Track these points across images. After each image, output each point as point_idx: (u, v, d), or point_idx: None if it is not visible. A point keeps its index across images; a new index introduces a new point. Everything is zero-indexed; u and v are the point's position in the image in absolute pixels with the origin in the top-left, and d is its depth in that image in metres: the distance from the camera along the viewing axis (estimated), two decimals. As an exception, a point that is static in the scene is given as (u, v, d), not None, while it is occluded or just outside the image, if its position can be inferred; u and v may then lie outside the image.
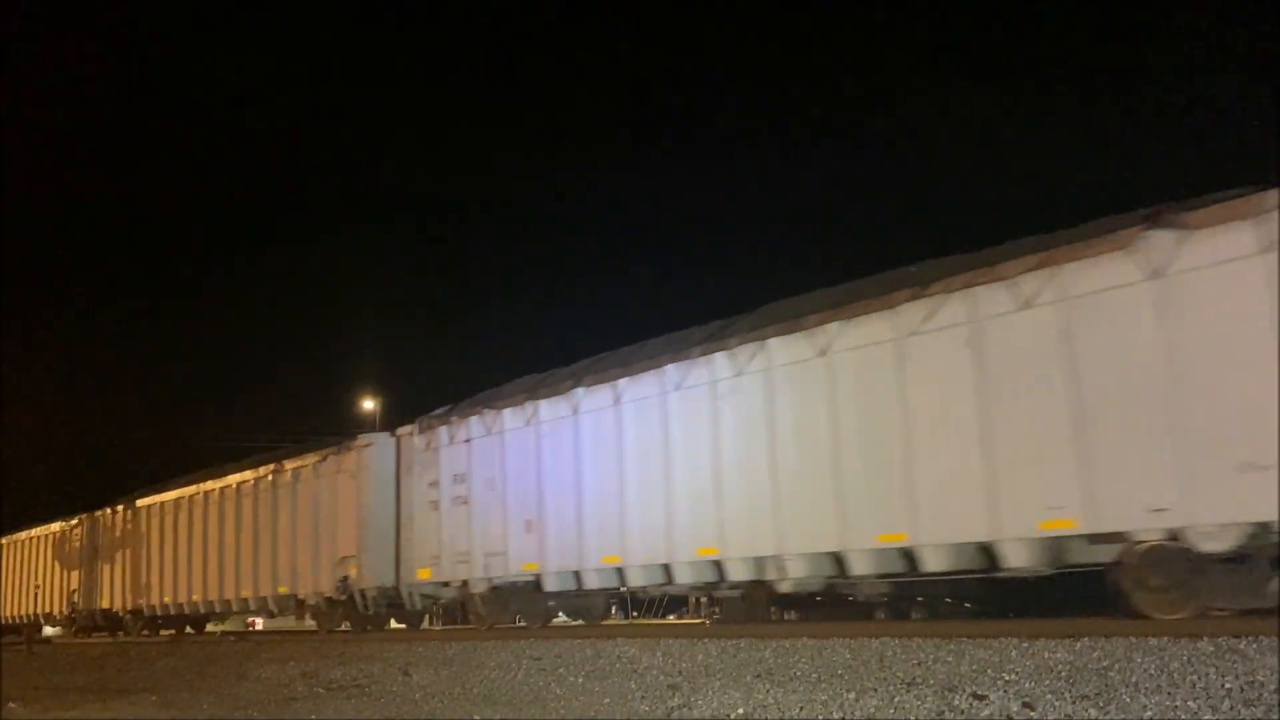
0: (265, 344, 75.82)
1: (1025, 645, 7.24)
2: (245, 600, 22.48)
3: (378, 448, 19.13)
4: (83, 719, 10.12)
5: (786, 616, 16.09)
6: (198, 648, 17.63)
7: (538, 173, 76.84)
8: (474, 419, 16.65)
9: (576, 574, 14.80)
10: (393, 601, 18.83)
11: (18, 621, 31.86)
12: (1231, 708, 5.43)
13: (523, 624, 16.84)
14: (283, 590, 21.25)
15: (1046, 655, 6.92)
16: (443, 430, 17.27)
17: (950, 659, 7.28)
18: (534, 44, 74.55)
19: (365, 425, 34.11)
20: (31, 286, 73.58)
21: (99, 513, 28.33)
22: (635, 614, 27.20)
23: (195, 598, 24.02)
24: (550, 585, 15.14)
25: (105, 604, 27.73)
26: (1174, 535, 9.28)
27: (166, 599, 25.16)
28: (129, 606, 26.55)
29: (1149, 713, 5.56)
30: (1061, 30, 56.87)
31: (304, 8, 73.76)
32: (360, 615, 19.21)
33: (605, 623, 18.17)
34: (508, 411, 16.00)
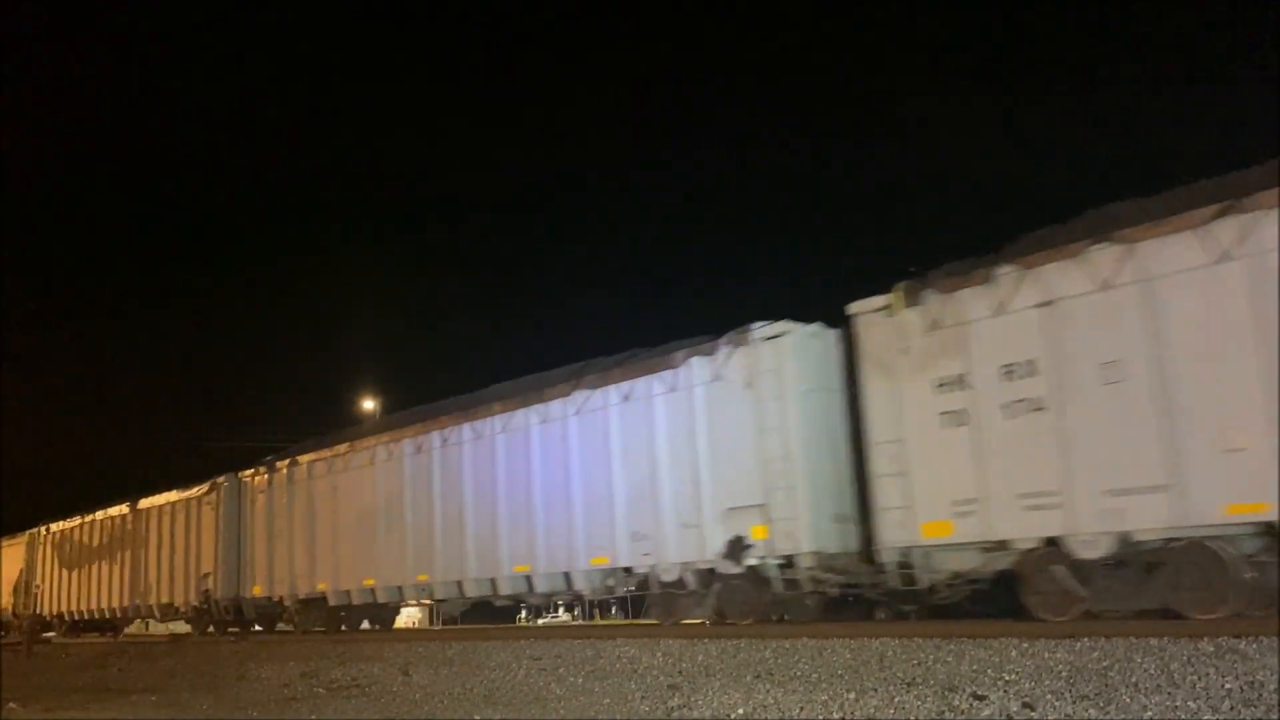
0: (267, 344, 75.77)
1: (1025, 645, 7.24)
2: (552, 579, 15.13)
3: (799, 340, 12.33)
4: (83, 719, 10.12)
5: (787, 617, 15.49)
6: (198, 648, 17.62)
7: (538, 172, 76.92)
8: (1054, 268, 10.08)
9: None
10: (848, 576, 12.11)
11: (115, 617, 26.92)
12: (1231, 708, 5.43)
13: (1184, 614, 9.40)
14: (599, 562, 14.22)
15: (1046, 655, 6.92)
16: (968, 295, 10.67)
17: (950, 659, 7.28)
18: (534, 44, 74.61)
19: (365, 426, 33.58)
20: (35, 290, 73.60)
21: (246, 473, 22.08)
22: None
23: (422, 578, 17.04)
24: None
25: (259, 591, 21.00)
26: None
27: (369, 580, 18.07)
28: (301, 593, 19.85)
29: (1149, 713, 5.57)
30: (1065, 27, 56.88)
31: (304, 9, 73.80)
32: (767, 598, 12.41)
33: (602, 622, 17.11)
34: (1150, 244, 9.44)
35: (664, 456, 13.40)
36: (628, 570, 13.89)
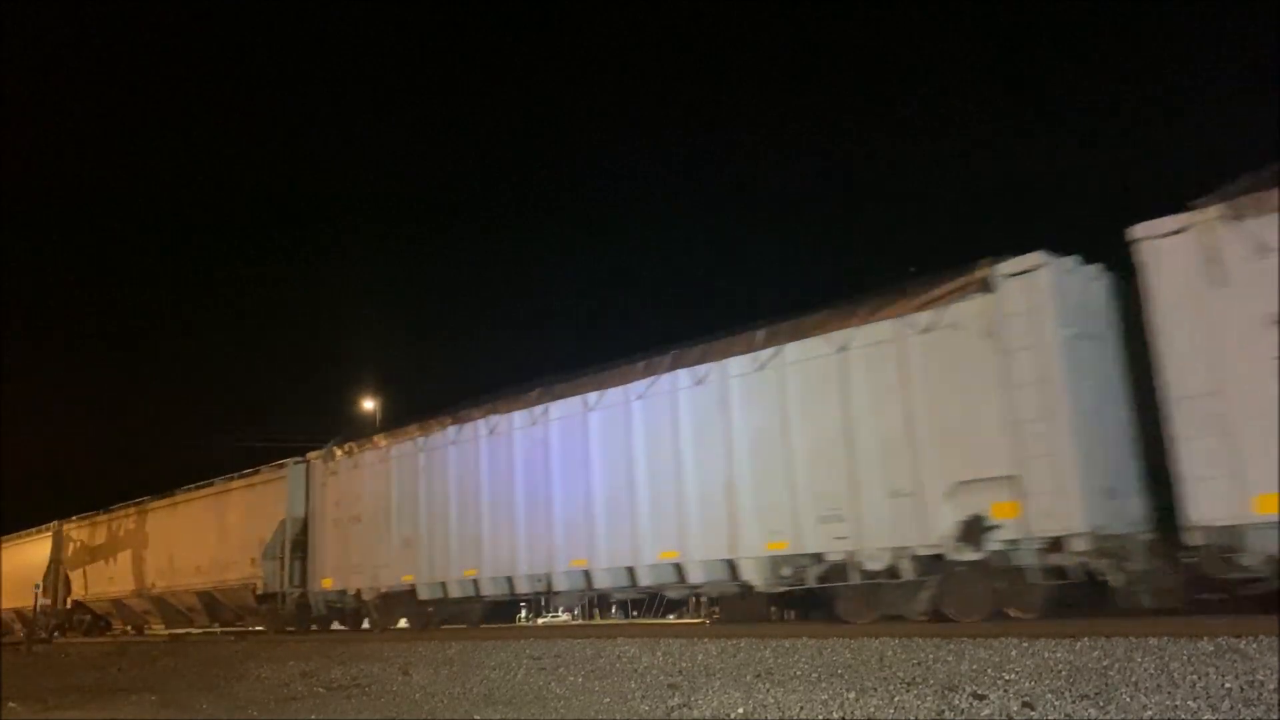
0: (267, 346, 75.83)
1: (1025, 645, 7.25)
2: None
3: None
4: (83, 719, 10.12)
5: (786, 616, 15.48)
6: (198, 648, 17.61)
7: (540, 172, 76.97)
8: None
9: None
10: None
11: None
12: (1231, 708, 5.43)
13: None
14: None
15: (1046, 655, 6.92)
16: None
17: (950, 659, 7.28)
18: (534, 45, 74.64)
19: (366, 426, 33.57)
20: (38, 293, 73.70)
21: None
22: (635, 613, 26.01)
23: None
24: None
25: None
26: None
27: None
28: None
29: (1149, 713, 5.57)
30: (1066, 34, 56.91)
31: (306, 10, 73.84)
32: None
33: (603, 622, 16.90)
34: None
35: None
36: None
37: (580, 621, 18.12)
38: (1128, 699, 5.78)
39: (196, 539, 22.88)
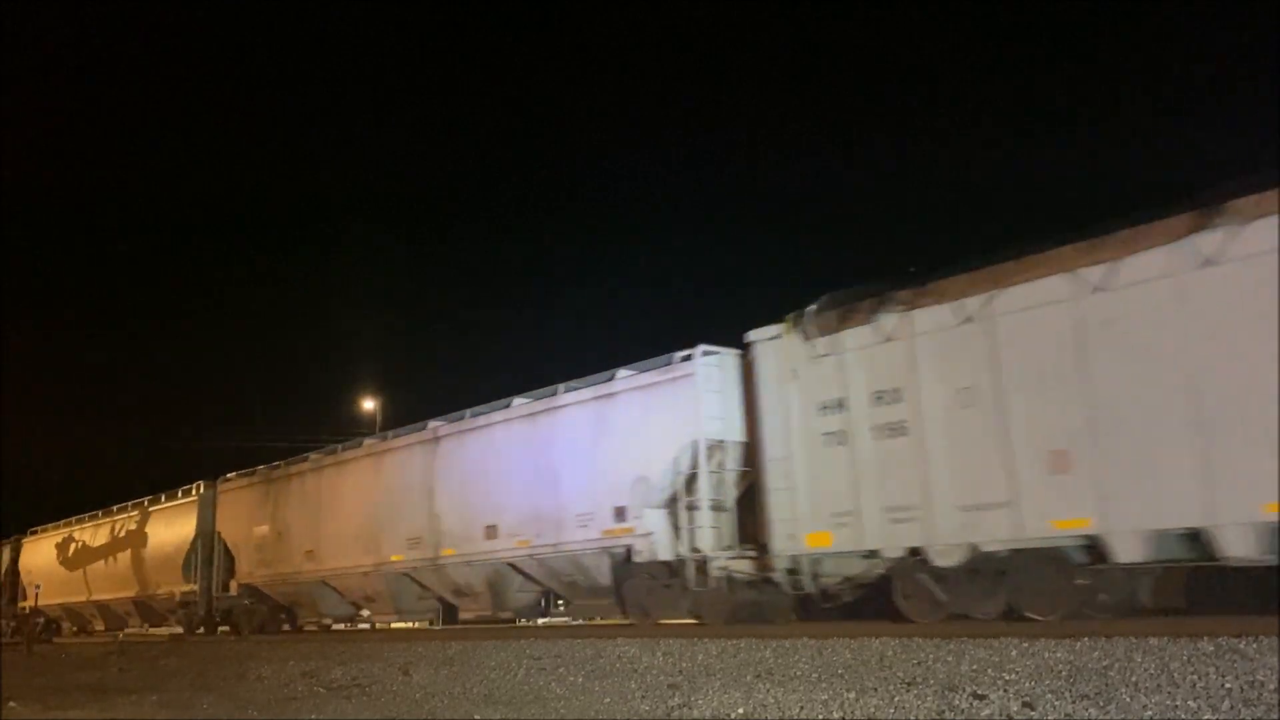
0: (269, 347, 75.81)
1: (1025, 645, 7.25)
2: None
3: None
4: (83, 719, 10.12)
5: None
6: (198, 648, 17.61)
7: (539, 173, 76.99)
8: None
9: None
10: None
11: None
12: (1231, 708, 5.43)
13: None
14: None
15: (1046, 655, 6.92)
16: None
17: (950, 659, 7.28)
18: (534, 45, 74.65)
19: (366, 426, 33.38)
20: (39, 294, 73.67)
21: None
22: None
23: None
24: None
25: None
26: None
27: None
28: None
29: (1149, 713, 5.56)
30: (1071, 34, 56.92)
31: (307, 10, 73.85)
32: None
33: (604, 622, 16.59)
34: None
35: None
36: None
37: None
38: (1128, 699, 5.77)
39: (492, 483, 15.28)
